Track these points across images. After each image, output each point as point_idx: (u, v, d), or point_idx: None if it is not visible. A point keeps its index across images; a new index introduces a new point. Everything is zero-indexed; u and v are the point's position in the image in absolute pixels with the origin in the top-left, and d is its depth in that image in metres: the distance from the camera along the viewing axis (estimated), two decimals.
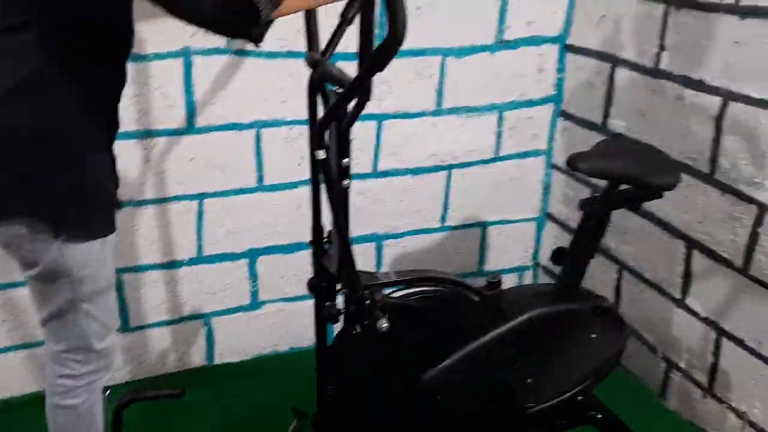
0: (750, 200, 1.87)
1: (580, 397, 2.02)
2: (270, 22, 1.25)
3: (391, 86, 2.20)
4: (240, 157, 2.14)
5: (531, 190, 2.60)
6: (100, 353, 1.44)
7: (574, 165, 1.79)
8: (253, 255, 2.28)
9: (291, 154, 2.19)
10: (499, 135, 2.45)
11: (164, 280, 2.19)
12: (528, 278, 2.74)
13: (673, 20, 2.02)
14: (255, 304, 2.34)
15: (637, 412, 2.11)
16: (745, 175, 1.87)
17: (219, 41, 1.98)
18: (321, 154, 1.38)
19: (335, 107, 1.35)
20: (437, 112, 2.32)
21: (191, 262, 2.21)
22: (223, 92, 2.05)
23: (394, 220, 2.42)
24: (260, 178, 2.19)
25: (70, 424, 1.46)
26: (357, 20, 1.44)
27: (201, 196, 2.14)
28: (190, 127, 2.05)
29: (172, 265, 2.18)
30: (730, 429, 2.03)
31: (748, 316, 1.92)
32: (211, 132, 2.07)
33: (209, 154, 2.09)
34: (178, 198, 2.11)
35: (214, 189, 2.15)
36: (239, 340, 2.36)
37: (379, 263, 2.47)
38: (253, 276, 2.30)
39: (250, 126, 2.11)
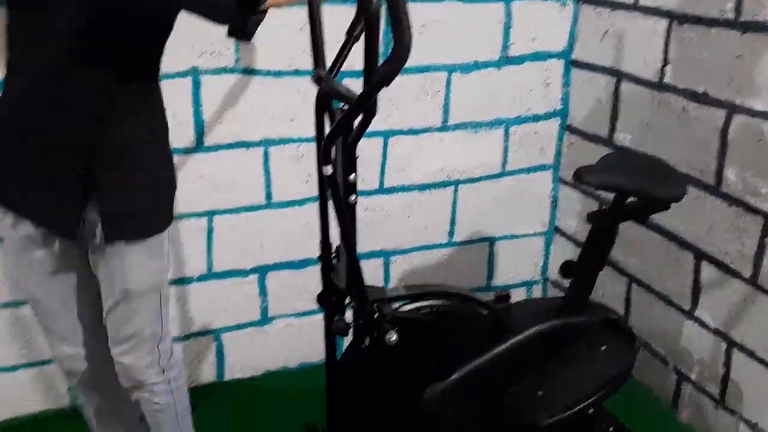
0: (756, 211, 1.87)
1: (591, 410, 2.02)
2: (263, 14, 1.40)
3: (397, 103, 2.23)
4: (249, 175, 2.17)
5: (539, 205, 2.61)
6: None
7: (581, 178, 1.81)
8: (262, 271, 2.29)
9: (299, 171, 2.21)
10: (505, 150, 2.47)
11: (175, 297, 2.21)
12: (537, 293, 2.74)
13: (675, 35, 2.04)
14: (265, 319, 2.36)
15: (649, 425, 2.11)
16: (751, 186, 1.88)
17: (227, 60, 2.01)
18: (328, 170, 1.39)
19: (341, 123, 1.37)
20: (444, 128, 2.34)
21: (201, 278, 2.23)
22: (231, 111, 2.08)
23: (402, 236, 2.44)
24: (269, 195, 2.21)
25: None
26: (363, 38, 1.47)
27: (210, 214, 2.16)
28: (199, 146, 2.07)
29: (182, 281, 2.20)
30: None
31: (758, 326, 1.92)
32: (219, 150, 2.10)
33: (218, 172, 2.12)
34: (187, 216, 2.13)
35: (223, 207, 2.17)
36: (250, 356, 2.37)
37: (386, 279, 2.47)
38: (263, 292, 2.32)
39: (258, 144, 2.14)
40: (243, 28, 1.47)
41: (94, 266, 1.42)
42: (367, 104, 1.32)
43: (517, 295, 2.64)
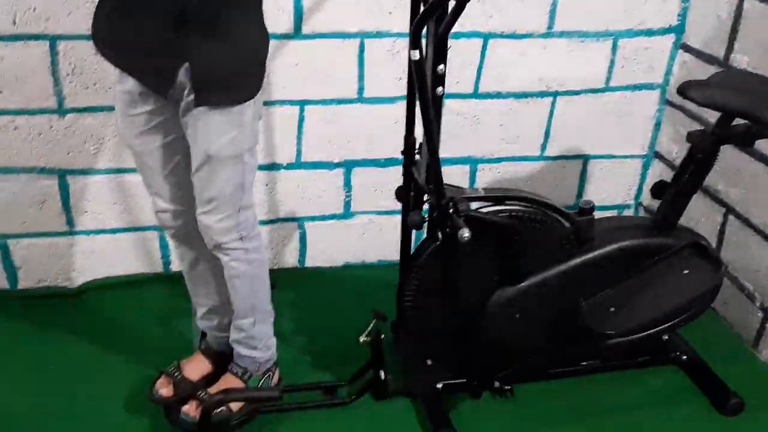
0: None
1: (665, 336, 1.98)
2: None
3: (501, 3, 2.14)
4: (343, 67, 2.17)
5: (640, 126, 2.49)
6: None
7: (686, 93, 1.71)
8: (348, 166, 2.33)
9: (392, 67, 2.19)
10: (611, 64, 2.35)
11: (264, 182, 2.29)
12: None
13: None
14: (348, 213, 2.41)
15: (725, 360, 2.04)
16: None
17: None
18: (416, 55, 1.37)
19: (434, 5, 1.34)
20: (547, 35, 2.24)
21: (290, 166, 2.28)
22: (330, 0, 2.06)
23: (492, 144, 2.40)
24: (361, 90, 2.21)
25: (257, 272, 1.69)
26: None
27: (303, 103, 2.19)
28: (296, 33, 2.09)
29: (272, 167, 2.27)
30: None
31: None
32: (316, 39, 2.11)
33: (313, 62, 2.13)
34: (280, 102, 2.17)
35: (315, 97, 2.19)
36: (330, 247, 2.44)
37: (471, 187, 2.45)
38: (348, 186, 2.36)
39: (354, 36, 2.13)
40: None
41: (184, 126, 1.49)
42: None
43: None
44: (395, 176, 2.33)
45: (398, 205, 1.86)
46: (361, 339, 1.83)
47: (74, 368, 1.96)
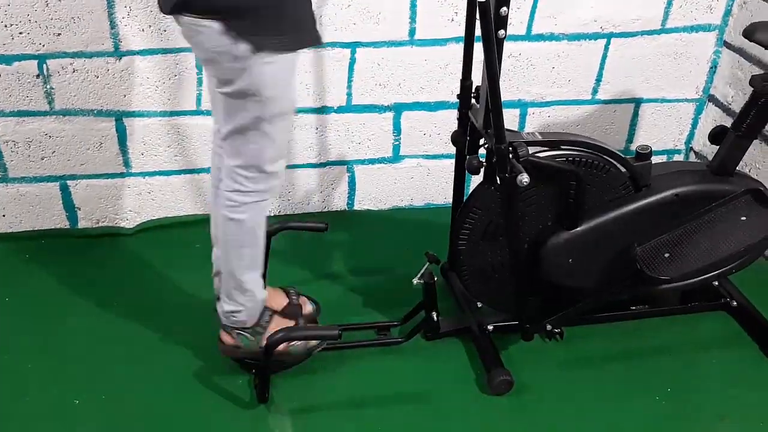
0: None
1: (716, 282, 1.98)
2: None
3: None
4: (394, 8, 2.14)
5: (696, 68, 2.43)
6: (270, 175, 1.56)
7: (752, 36, 1.67)
8: (398, 109, 2.32)
9: (445, 8, 2.16)
10: (669, 3, 2.28)
11: (314, 125, 2.30)
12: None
13: None
14: (396, 157, 2.41)
15: None
16: None
17: None
18: None
19: None
20: None
21: (340, 110, 2.29)
22: None
23: (543, 87, 2.36)
24: (412, 31, 2.19)
25: (236, 236, 1.62)
26: None
27: (354, 45, 2.18)
28: None
29: (322, 110, 2.28)
30: None
31: None
32: None
33: (364, 3, 2.11)
34: (332, 45, 2.16)
35: (367, 39, 2.18)
36: (379, 190, 2.46)
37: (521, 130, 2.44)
38: (397, 130, 2.36)
39: None
40: None
41: None
42: None
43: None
44: (444, 120, 2.33)
45: (446, 149, 1.85)
46: (415, 281, 1.86)
47: (133, 307, 2.02)
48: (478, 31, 1.50)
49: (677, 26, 2.33)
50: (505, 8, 1.49)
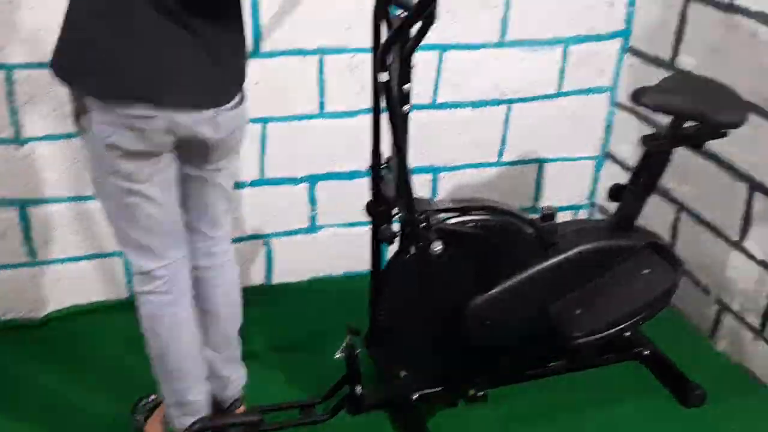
0: None
1: (627, 333, 2.05)
2: None
3: (455, 16, 2.19)
4: (303, 83, 2.18)
5: (592, 128, 2.57)
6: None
7: (639, 98, 1.78)
8: (313, 180, 2.34)
9: (353, 81, 2.21)
10: (562, 70, 2.42)
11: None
12: (583, 217, 2.73)
13: None
14: (313, 227, 2.42)
15: (684, 352, 2.13)
16: None
17: None
18: (384, 77, 1.40)
19: (399, 30, 1.37)
20: (501, 44, 2.30)
21: (254, 183, 2.29)
22: (288, 17, 2.07)
23: (452, 152, 2.44)
24: (322, 105, 2.23)
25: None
26: None
27: (265, 120, 2.20)
28: (255, 51, 2.09)
29: (236, 185, 2.26)
30: None
31: None
32: (275, 57, 2.11)
33: (274, 79, 2.14)
34: None
35: (277, 114, 2.20)
36: (297, 262, 2.45)
37: (434, 195, 2.49)
38: (312, 200, 2.37)
39: (314, 52, 2.15)
40: None
41: None
42: (426, 11, 1.31)
43: (563, 219, 2.64)
44: (360, 188, 2.34)
45: (363, 217, 1.87)
46: (336, 355, 1.84)
47: (45, 401, 1.92)
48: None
49: (572, 89, 2.47)
50: (407, 85, 1.55)
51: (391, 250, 1.81)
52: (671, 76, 2.03)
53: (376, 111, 1.77)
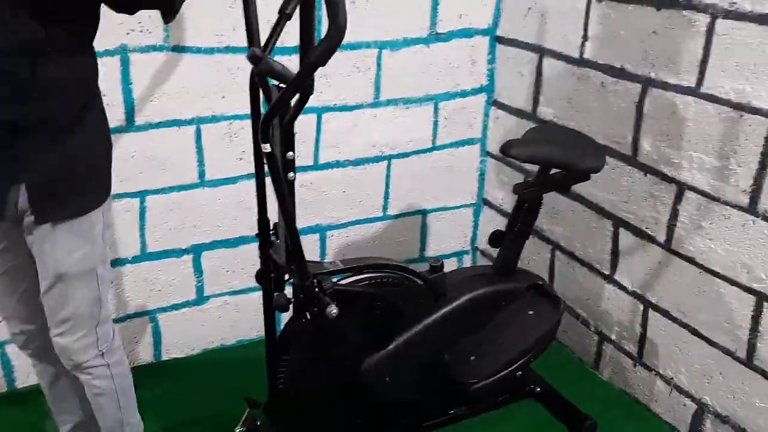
0: (670, 180, 2.00)
1: (519, 372, 2.13)
2: None
3: (330, 79, 2.25)
4: (181, 154, 2.15)
5: (467, 177, 2.69)
6: None
7: (508, 152, 1.88)
8: (197, 250, 2.29)
9: (232, 149, 2.21)
10: (435, 125, 2.53)
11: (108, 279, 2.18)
12: (467, 262, 2.84)
13: (595, 12, 2.14)
14: (201, 298, 2.36)
15: (573, 384, 2.23)
16: (665, 156, 2.00)
17: (156, 38, 1.98)
18: (267, 148, 1.41)
19: (280, 102, 1.39)
20: (375, 104, 2.38)
21: (135, 259, 2.21)
22: (161, 89, 2.05)
23: (337, 210, 2.48)
24: (202, 174, 2.21)
25: None
26: (295, 15, 1.49)
27: (143, 194, 2.14)
28: (129, 125, 2.05)
29: (116, 263, 2.18)
30: (658, 394, 2.17)
31: (672, 287, 2.06)
32: (151, 129, 2.08)
33: (150, 152, 2.10)
34: (119, 196, 2.10)
35: (156, 186, 2.15)
36: (186, 336, 2.37)
37: (323, 254, 2.51)
38: (198, 271, 2.32)
39: (190, 122, 2.13)
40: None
41: (30, 246, 1.40)
42: (305, 83, 1.35)
43: (449, 265, 2.72)
44: (247, 254, 2.34)
45: (253, 283, 1.85)
46: (237, 429, 1.79)
47: None
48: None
49: (445, 143, 2.58)
50: (291, 153, 1.57)
51: (286, 316, 1.79)
52: (535, 128, 2.17)
53: (259, 179, 1.77)
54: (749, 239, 1.82)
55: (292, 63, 1.42)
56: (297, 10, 1.43)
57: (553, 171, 1.93)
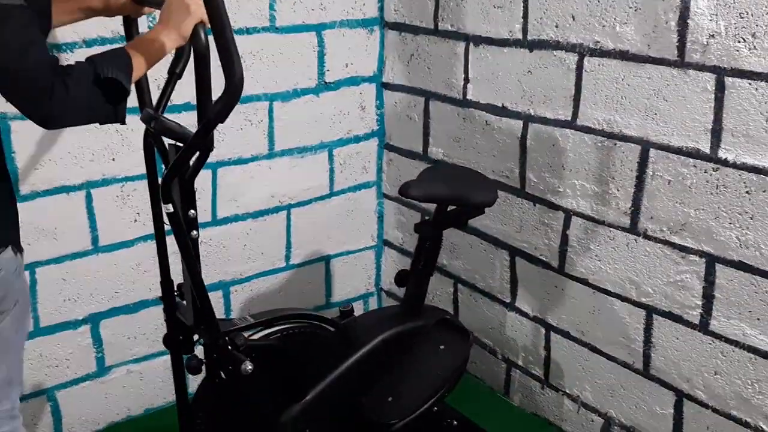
0: (557, 207, 2.13)
1: (435, 408, 2.16)
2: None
3: (223, 134, 2.24)
4: (71, 221, 2.07)
5: (367, 220, 2.74)
6: None
7: (407, 193, 1.94)
8: (95, 319, 2.19)
9: (125, 211, 2.15)
10: (331, 171, 2.57)
11: None
12: (373, 304, 2.86)
13: (473, 55, 2.26)
14: (102, 370, 2.25)
15: (486, 413, 2.29)
16: (551, 186, 2.13)
17: None
18: (170, 208, 1.40)
19: (180, 160, 1.38)
20: (270, 155, 2.39)
21: (29, 336, 2.08)
22: (47, 156, 1.98)
23: (240, 265, 2.45)
24: (95, 240, 2.13)
25: None
26: (186, 74, 1.50)
27: (32, 266, 2.03)
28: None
29: None
30: (567, 413, 2.26)
31: (569, 309, 2.18)
32: (38, 198, 1.99)
33: (38, 221, 2.01)
34: None
35: (46, 257, 2.05)
36: (89, 411, 2.25)
37: (227, 310, 2.47)
38: (98, 341, 2.22)
39: (79, 188, 2.06)
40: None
41: None
42: (204, 141, 1.35)
43: (355, 308, 2.74)
44: (148, 318, 2.26)
45: (157, 348, 1.80)
46: None
47: None
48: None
49: (343, 188, 2.63)
50: (193, 211, 1.55)
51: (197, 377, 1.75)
52: (428, 168, 2.25)
53: (160, 240, 1.74)
54: (633, 257, 1.96)
55: (182, 120, 1.42)
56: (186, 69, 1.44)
57: (450, 208, 2.01)
